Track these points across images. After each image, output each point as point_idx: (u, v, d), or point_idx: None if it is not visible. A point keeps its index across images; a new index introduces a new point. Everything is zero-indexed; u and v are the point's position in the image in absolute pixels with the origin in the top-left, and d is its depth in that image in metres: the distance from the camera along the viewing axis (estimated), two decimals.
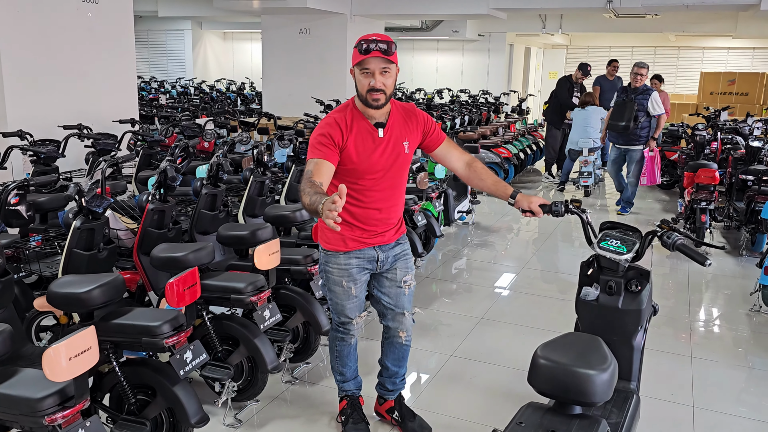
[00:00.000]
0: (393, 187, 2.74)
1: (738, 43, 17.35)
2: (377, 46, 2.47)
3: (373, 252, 2.78)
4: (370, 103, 2.56)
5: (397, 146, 2.68)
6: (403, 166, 2.74)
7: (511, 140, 9.30)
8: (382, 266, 2.83)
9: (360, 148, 2.60)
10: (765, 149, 6.52)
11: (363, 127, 2.63)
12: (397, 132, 2.68)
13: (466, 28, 14.94)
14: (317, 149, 2.56)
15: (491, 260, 6.02)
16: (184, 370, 2.69)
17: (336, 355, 3.03)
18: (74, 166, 5.52)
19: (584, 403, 2.11)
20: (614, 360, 2.18)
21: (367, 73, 2.52)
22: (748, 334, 4.43)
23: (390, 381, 3.09)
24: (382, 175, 2.67)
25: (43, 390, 2.15)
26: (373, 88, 2.53)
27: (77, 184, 3.32)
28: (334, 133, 2.57)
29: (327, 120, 2.64)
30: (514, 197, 2.68)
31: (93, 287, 2.56)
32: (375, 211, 2.71)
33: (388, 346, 3.03)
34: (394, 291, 2.88)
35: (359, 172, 2.63)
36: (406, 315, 2.93)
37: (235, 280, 3.15)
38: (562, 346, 2.22)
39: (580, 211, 2.64)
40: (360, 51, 2.49)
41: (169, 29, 17.49)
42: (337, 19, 10.34)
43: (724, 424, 3.29)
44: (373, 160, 2.62)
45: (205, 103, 11.63)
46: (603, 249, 2.58)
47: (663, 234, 2.55)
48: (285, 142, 5.43)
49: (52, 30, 6.03)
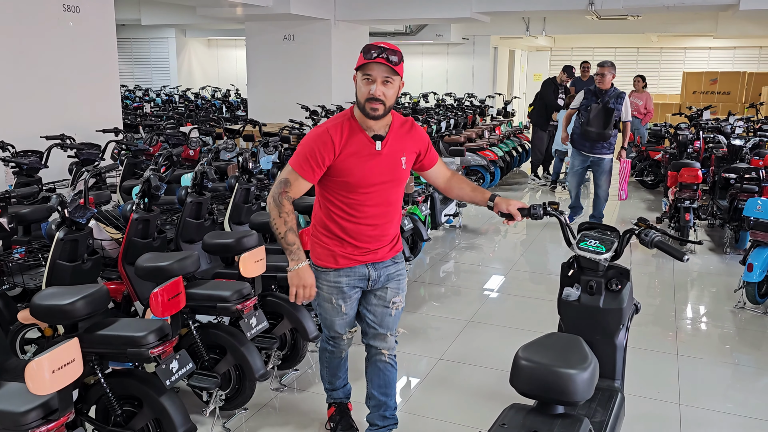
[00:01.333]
0: (387, 203, 2.61)
1: (719, 43, 17.57)
2: (383, 53, 2.37)
3: (364, 270, 2.66)
4: (368, 113, 2.43)
5: (395, 161, 2.56)
6: (399, 182, 2.62)
7: (496, 143, 9.35)
8: (374, 284, 2.71)
9: (354, 161, 2.48)
10: (746, 147, 6.60)
11: (359, 140, 2.50)
12: (396, 146, 2.56)
13: (450, 31, 15.02)
14: (301, 165, 2.49)
15: (479, 263, 6.03)
16: (171, 380, 2.67)
17: (325, 365, 2.99)
18: (57, 177, 5.48)
19: (566, 403, 2.12)
20: (595, 358, 2.20)
21: (368, 80, 2.40)
22: (733, 331, 4.47)
23: (378, 415, 2.89)
24: (377, 190, 2.55)
25: (27, 404, 2.13)
26: (372, 97, 2.40)
27: (60, 195, 3.30)
28: (326, 151, 2.45)
29: (321, 132, 2.50)
30: (492, 201, 2.67)
31: (76, 299, 2.54)
32: (368, 227, 2.59)
33: (372, 369, 2.86)
34: (381, 311, 2.75)
35: (352, 186, 2.52)
36: (388, 336, 2.78)
37: (220, 289, 3.14)
38: (543, 347, 2.24)
39: (558, 213, 2.66)
40: (365, 56, 2.39)
41: (152, 37, 17.43)
42: (321, 25, 10.36)
43: (711, 420, 3.32)
44: (367, 173, 2.50)
45: (190, 111, 11.59)
46: (582, 249, 2.61)
47: (641, 232, 2.58)
48: (270, 149, 5.42)
49: (33, 39, 5.99)
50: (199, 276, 3.62)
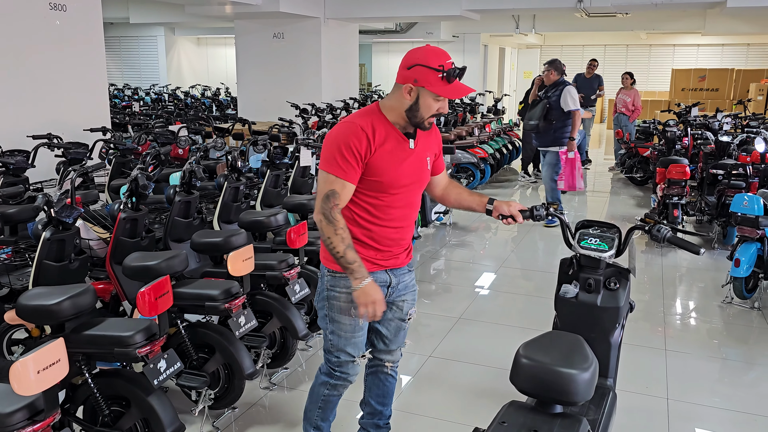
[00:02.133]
0: (411, 205, 2.49)
1: (707, 40, 17.69)
2: (461, 74, 2.27)
3: (385, 276, 2.47)
4: (424, 126, 2.34)
5: (422, 161, 2.45)
6: (423, 183, 2.51)
7: (486, 140, 9.37)
8: (391, 293, 2.52)
9: (388, 159, 2.32)
10: (734, 144, 6.65)
11: (393, 137, 2.35)
12: (424, 146, 2.46)
13: (441, 29, 15.03)
14: (339, 165, 2.26)
15: (469, 260, 6.04)
16: (158, 380, 2.66)
17: (320, 405, 2.65)
18: (45, 177, 5.44)
19: (566, 402, 2.12)
20: (596, 360, 2.20)
21: (439, 100, 2.29)
22: (721, 326, 4.51)
23: (372, 423, 2.79)
24: (404, 191, 2.41)
25: (12, 405, 2.11)
26: (438, 114, 2.32)
27: (46, 194, 3.28)
28: (361, 145, 2.27)
29: (351, 127, 2.29)
30: (491, 204, 2.60)
31: (63, 299, 2.52)
32: (392, 230, 2.44)
33: (372, 379, 2.75)
34: (395, 325, 2.60)
35: (383, 185, 2.35)
36: (398, 350, 2.68)
37: (208, 287, 3.13)
38: (545, 346, 2.23)
39: (559, 213, 2.66)
40: (445, 78, 2.24)
41: (141, 36, 17.33)
42: (310, 23, 10.33)
43: (699, 414, 3.35)
44: (400, 173, 2.36)
45: (179, 110, 11.54)
46: (584, 248, 2.60)
47: (651, 228, 2.57)
48: (259, 147, 5.40)
49: (19, 38, 5.94)
50: (187, 275, 3.60)
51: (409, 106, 2.31)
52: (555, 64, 6.94)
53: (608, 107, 16.76)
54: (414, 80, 2.27)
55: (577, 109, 6.78)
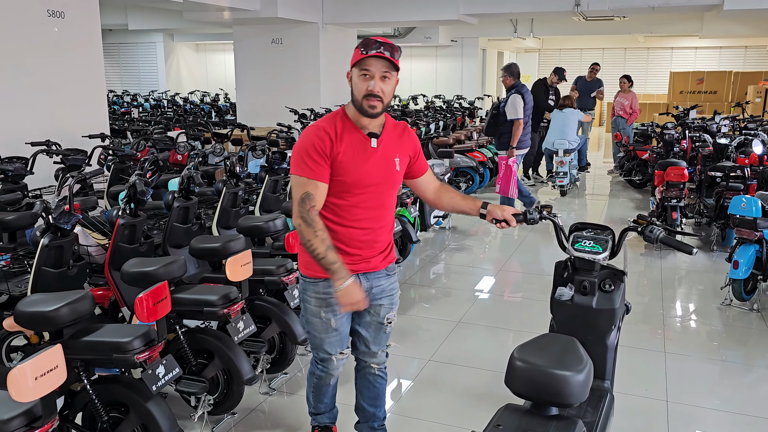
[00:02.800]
0: (381, 207, 2.50)
1: (705, 43, 17.74)
2: (381, 47, 2.28)
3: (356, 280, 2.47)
4: (365, 110, 2.34)
5: (389, 161, 2.47)
6: (393, 184, 2.52)
7: (485, 144, 9.38)
8: (366, 297, 2.50)
9: (350, 159, 2.37)
10: (732, 146, 6.66)
11: (355, 137, 2.40)
12: (390, 146, 2.48)
13: (439, 34, 15.06)
14: (308, 166, 2.34)
15: (469, 264, 6.05)
16: (157, 386, 2.66)
17: (312, 389, 2.81)
18: (44, 183, 5.44)
19: (561, 405, 2.12)
20: (590, 361, 2.20)
21: (365, 76, 2.31)
22: (720, 328, 4.51)
23: (367, 426, 2.85)
24: (371, 191, 2.45)
25: (10, 411, 2.12)
26: (370, 93, 2.31)
27: (44, 201, 3.29)
28: (325, 145, 2.34)
29: (314, 130, 2.38)
30: (485, 208, 2.62)
31: (61, 305, 2.52)
32: (360, 231, 2.46)
33: (361, 381, 2.81)
34: (375, 327, 2.64)
35: (347, 185, 2.40)
36: (379, 353, 2.73)
37: (207, 293, 3.13)
38: (539, 348, 2.23)
39: (552, 216, 2.66)
40: (363, 50, 2.29)
41: (140, 42, 17.37)
42: (309, 29, 10.36)
43: (698, 416, 3.34)
44: (364, 173, 2.40)
45: (178, 116, 11.56)
46: (579, 251, 2.61)
47: (644, 229, 2.58)
48: (258, 153, 5.41)
49: (18, 45, 5.95)
50: (186, 281, 3.60)
51: (351, 94, 2.39)
52: (510, 69, 6.98)
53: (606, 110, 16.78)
54: (350, 65, 2.37)
55: (517, 119, 6.77)
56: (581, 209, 8.38)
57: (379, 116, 2.40)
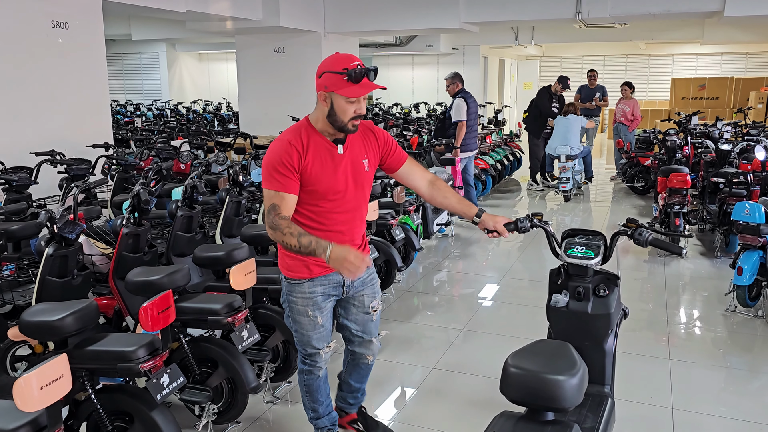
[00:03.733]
0: (355, 209, 2.63)
1: (706, 49, 17.75)
2: (372, 76, 2.40)
3: (338, 277, 2.65)
4: (349, 129, 2.46)
5: (357, 164, 2.58)
6: (364, 185, 2.64)
7: (487, 151, 9.39)
8: (348, 291, 2.73)
9: (319, 168, 2.48)
10: (734, 152, 6.66)
11: (321, 145, 2.50)
12: (356, 149, 2.59)
13: (440, 42, 15.11)
14: (277, 180, 2.43)
15: (472, 271, 6.04)
16: (161, 395, 2.66)
17: (306, 390, 2.90)
18: (48, 193, 5.46)
19: (555, 409, 2.12)
20: (583, 364, 2.20)
21: (353, 102, 2.42)
22: (725, 335, 4.49)
23: (351, 396, 3.07)
24: (344, 195, 2.56)
25: (15, 421, 2.12)
26: (357, 115, 2.45)
27: (48, 210, 3.29)
28: (292, 158, 2.43)
29: (280, 144, 2.47)
30: (479, 216, 2.66)
31: (65, 314, 2.53)
32: (337, 234, 2.57)
33: (352, 367, 2.99)
34: (362, 318, 2.81)
35: (320, 193, 2.51)
36: (373, 341, 2.88)
37: (211, 302, 3.13)
38: (532, 354, 2.24)
39: (543, 224, 2.67)
40: (351, 79, 2.36)
41: (143, 52, 17.45)
42: (311, 37, 10.40)
43: (704, 424, 3.33)
44: (334, 180, 2.51)
45: (181, 125, 11.59)
46: (571, 257, 2.62)
47: (633, 232, 2.59)
48: (261, 161, 5.42)
49: (22, 56, 5.99)
50: (190, 289, 3.61)
51: (328, 113, 2.47)
52: (457, 77, 7.45)
53: (608, 117, 16.80)
54: (325, 87, 2.44)
55: (461, 120, 7.20)
56: (584, 215, 8.38)
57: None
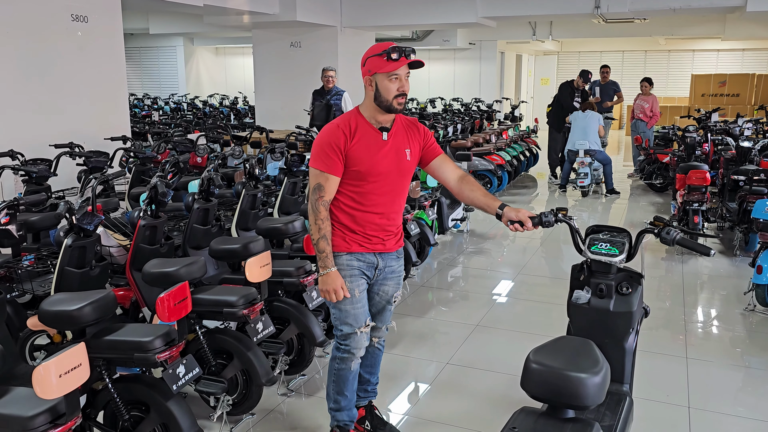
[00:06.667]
0: (394, 193, 2.76)
1: (727, 45, 17.47)
2: (406, 52, 2.57)
3: (373, 258, 2.77)
4: (395, 108, 2.64)
5: (400, 152, 2.73)
6: (405, 173, 2.77)
7: (503, 147, 9.34)
8: (378, 275, 2.81)
9: (364, 149, 2.65)
10: (755, 149, 6.55)
11: (367, 131, 2.68)
12: (400, 139, 2.74)
13: (457, 37, 15.03)
14: (323, 161, 2.64)
15: (487, 267, 6.02)
16: (177, 385, 2.68)
17: (333, 379, 2.89)
18: (67, 185, 5.51)
19: (577, 407, 2.11)
20: (606, 363, 2.18)
21: (395, 79, 2.60)
22: (743, 334, 4.43)
23: (361, 389, 3.06)
24: (385, 178, 2.70)
25: (34, 408, 2.15)
26: (401, 93, 2.62)
27: (67, 202, 3.33)
28: (339, 139, 2.63)
29: (330, 127, 2.70)
30: (501, 210, 2.66)
31: (84, 304, 2.55)
32: (376, 215, 2.72)
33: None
34: (382, 307, 2.91)
35: (362, 174, 2.66)
36: (383, 328, 2.98)
37: (226, 294, 3.15)
38: (554, 350, 2.22)
39: (567, 218, 2.64)
40: (388, 58, 2.56)
41: (160, 46, 17.55)
42: (327, 32, 10.39)
43: (722, 424, 3.29)
44: (377, 161, 2.66)
45: (198, 119, 11.65)
46: (595, 253, 2.59)
47: (661, 231, 2.55)
48: (277, 155, 5.44)
49: (42, 49, 6.05)
50: (206, 282, 3.63)
51: (374, 96, 2.66)
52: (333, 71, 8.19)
53: (626, 114, 16.63)
54: (369, 71, 2.65)
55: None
56: (602, 212, 8.31)
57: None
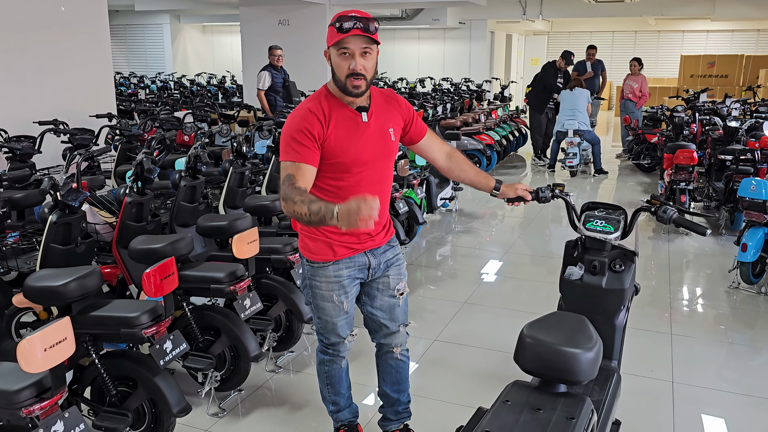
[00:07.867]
0: (381, 181, 2.43)
1: (717, 26, 17.48)
2: (357, 23, 2.14)
3: (364, 258, 2.47)
4: (350, 91, 2.24)
5: (384, 133, 2.38)
6: (390, 156, 2.44)
7: (493, 127, 9.33)
8: (374, 273, 2.52)
9: (343, 138, 2.27)
10: (742, 129, 6.59)
11: (344, 114, 2.30)
12: (382, 117, 2.38)
13: (447, 15, 14.92)
14: (294, 150, 2.22)
15: (475, 246, 6.04)
16: (164, 360, 2.68)
17: (327, 382, 2.70)
18: (51, 162, 5.45)
19: (569, 382, 2.12)
20: (599, 339, 2.20)
21: (345, 55, 2.20)
22: (727, 311, 4.49)
23: (392, 410, 2.78)
24: (371, 167, 2.36)
25: (20, 382, 2.14)
26: (353, 72, 2.20)
27: (51, 178, 3.29)
28: (313, 127, 2.23)
29: (300, 112, 2.27)
30: (497, 189, 2.57)
31: (69, 280, 2.54)
32: None
33: (383, 367, 2.73)
34: (388, 302, 2.58)
35: (345, 165, 2.31)
36: (400, 330, 2.64)
37: (214, 270, 3.14)
38: (549, 326, 2.23)
39: (564, 195, 2.64)
40: (337, 29, 2.16)
41: (146, 23, 17.30)
42: (315, 9, 10.28)
43: (704, 397, 3.34)
44: (360, 149, 2.30)
45: (185, 98, 11.51)
46: (590, 230, 2.59)
47: (657, 209, 2.56)
48: (264, 133, 5.40)
49: (25, 25, 5.94)
50: (193, 259, 3.61)
51: (332, 73, 2.28)
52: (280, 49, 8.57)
53: (615, 94, 16.63)
54: (327, 44, 2.26)
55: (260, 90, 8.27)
56: (590, 191, 8.34)
57: (364, 94, 2.29)
